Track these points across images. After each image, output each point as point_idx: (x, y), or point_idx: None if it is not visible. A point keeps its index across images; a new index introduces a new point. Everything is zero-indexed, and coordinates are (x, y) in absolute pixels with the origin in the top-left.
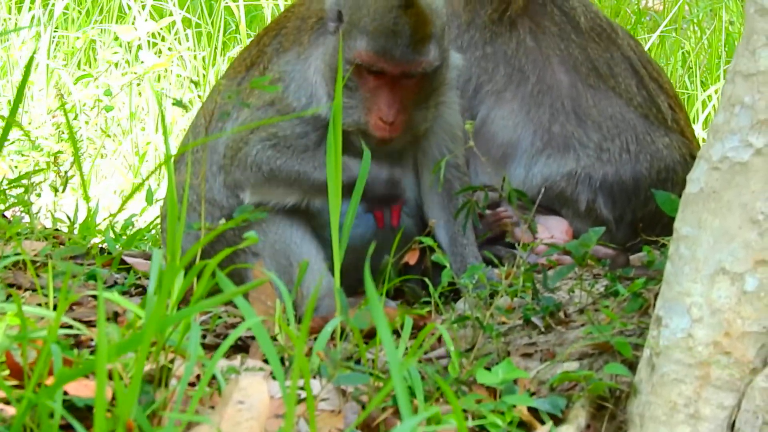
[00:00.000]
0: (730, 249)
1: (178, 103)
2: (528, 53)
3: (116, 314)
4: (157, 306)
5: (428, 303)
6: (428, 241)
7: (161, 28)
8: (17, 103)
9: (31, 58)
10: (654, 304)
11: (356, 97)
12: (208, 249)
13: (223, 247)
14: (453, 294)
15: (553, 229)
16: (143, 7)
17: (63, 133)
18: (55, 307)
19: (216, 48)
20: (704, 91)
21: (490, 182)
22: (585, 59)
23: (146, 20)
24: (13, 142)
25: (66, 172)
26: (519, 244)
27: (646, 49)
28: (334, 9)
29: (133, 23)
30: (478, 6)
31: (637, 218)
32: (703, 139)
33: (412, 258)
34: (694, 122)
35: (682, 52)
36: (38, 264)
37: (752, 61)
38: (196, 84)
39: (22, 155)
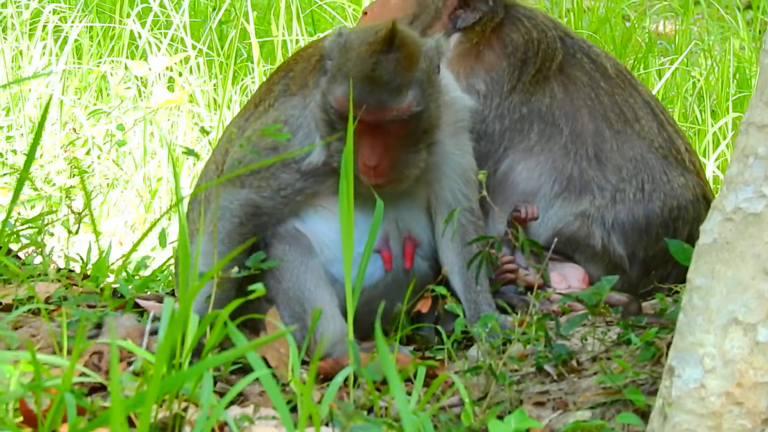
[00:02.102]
0: (743, 300)
1: (189, 152)
2: (560, 106)
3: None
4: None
5: (441, 350)
6: (441, 290)
7: (174, 63)
8: (34, 146)
9: (49, 100)
10: (666, 353)
11: (344, 140)
12: (221, 295)
13: (237, 293)
14: (466, 341)
15: (570, 278)
16: (158, 47)
17: (75, 168)
18: (69, 353)
19: (227, 77)
20: (715, 122)
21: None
22: (613, 105)
23: (161, 52)
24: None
25: (80, 213)
26: (532, 292)
27: (656, 75)
28: (329, 50)
29: (145, 58)
30: (520, 71)
31: (648, 256)
32: (715, 176)
33: (424, 306)
34: (705, 157)
35: (692, 81)
36: (52, 308)
37: (766, 112)
38: (204, 132)
39: (35, 189)
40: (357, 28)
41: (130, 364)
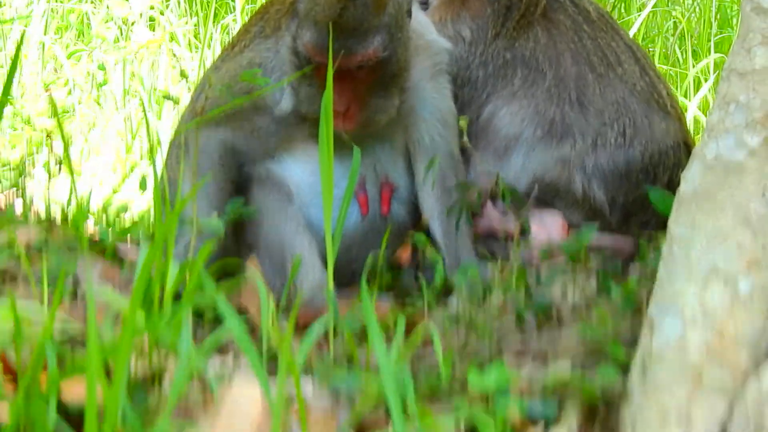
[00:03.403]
0: (723, 250)
1: (168, 97)
2: (544, 51)
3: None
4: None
5: (421, 298)
6: (420, 238)
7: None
8: (10, 78)
9: (23, 34)
10: (647, 303)
11: (314, 87)
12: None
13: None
14: (446, 288)
15: (549, 226)
16: None
17: (56, 107)
18: (49, 301)
19: (208, 15)
20: (696, 63)
21: (488, 175)
22: (596, 49)
23: None
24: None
25: (58, 156)
26: (512, 240)
27: (637, 17)
28: None
29: None
30: (504, 17)
31: (629, 201)
32: (697, 117)
33: (404, 255)
34: (687, 98)
35: (673, 21)
36: (32, 254)
37: (747, 60)
38: (184, 75)
39: (15, 129)
40: None
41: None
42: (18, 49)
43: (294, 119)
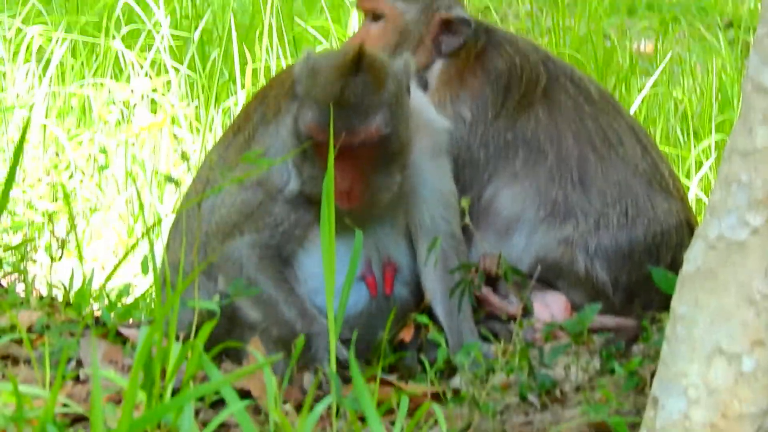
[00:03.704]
0: (727, 329)
1: (169, 179)
2: (545, 131)
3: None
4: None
5: (424, 379)
6: (423, 318)
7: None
8: (14, 165)
9: (28, 120)
10: (650, 383)
11: (316, 167)
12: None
13: (221, 320)
14: (449, 369)
15: (553, 307)
16: (141, 66)
17: (58, 191)
18: (51, 383)
19: (209, 99)
20: (698, 143)
21: (490, 255)
22: (597, 129)
23: (146, 73)
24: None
25: (62, 239)
26: (515, 321)
27: (639, 98)
28: (297, 75)
29: (128, 80)
30: (504, 98)
31: (632, 281)
32: (698, 198)
33: (407, 335)
34: (688, 178)
35: (674, 102)
36: (34, 337)
37: (749, 139)
38: (186, 157)
39: (16, 215)
40: (324, 52)
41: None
42: (22, 136)
43: (304, 202)
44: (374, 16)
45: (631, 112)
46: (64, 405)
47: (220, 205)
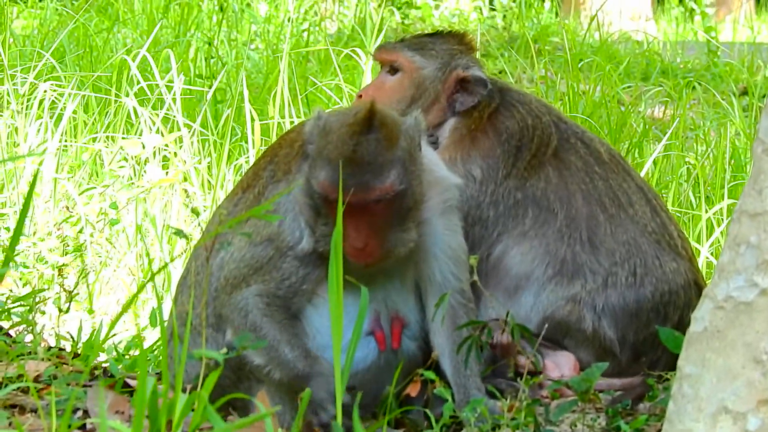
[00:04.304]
0: (733, 388)
1: (179, 233)
2: (555, 191)
3: None
4: None
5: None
6: (430, 374)
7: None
8: (23, 216)
9: (36, 172)
10: None
11: (329, 225)
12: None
13: (227, 372)
14: (455, 425)
15: (563, 366)
16: (153, 122)
17: (68, 245)
18: None
19: (221, 157)
20: (710, 208)
21: (497, 313)
22: (607, 189)
23: (157, 130)
24: (18, 254)
25: (70, 292)
26: (523, 378)
27: (650, 161)
28: (309, 135)
29: (140, 135)
30: (515, 158)
31: (639, 340)
32: (709, 262)
33: (414, 390)
34: (699, 243)
35: (687, 167)
36: (41, 387)
37: (759, 201)
38: (196, 213)
39: (26, 267)
40: (335, 110)
41: None
42: (31, 187)
43: (315, 259)
44: (392, 69)
45: (643, 176)
46: None
47: (229, 261)
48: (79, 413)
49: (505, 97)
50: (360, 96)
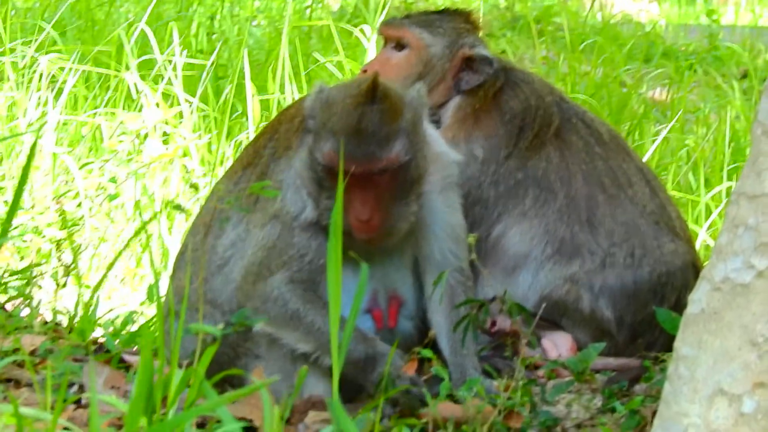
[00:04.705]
0: (729, 370)
1: (178, 208)
2: (555, 171)
3: None
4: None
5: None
6: (427, 352)
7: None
8: (20, 187)
9: (34, 144)
10: (651, 422)
11: (333, 197)
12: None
13: (225, 349)
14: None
15: (560, 347)
16: (153, 92)
17: (66, 219)
18: (53, 407)
19: (221, 133)
20: (708, 191)
21: (496, 292)
22: (607, 170)
23: (157, 104)
24: (16, 227)
25: (68, 266)
26: (519, 358)
27: (654, 146)
28: (310, 109)
29: (140, 109)
30: (517, 138)
31: (636, 321)
32: (707, 245)
33: (410, 369)
34: (698, 225)
35: (687, 150)
36: (37, 361)
37: (758, 183)
38: (196, 188)
39: (24, 241)
40: (336, 84)
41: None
42: (29, 158)
43: (322, 232)
44: (398, 45)
45: (644, 159)
46: (65, 429)
47: (238, 245)
48: (75, 388)
49: (509, 77)
50: (365, 71)
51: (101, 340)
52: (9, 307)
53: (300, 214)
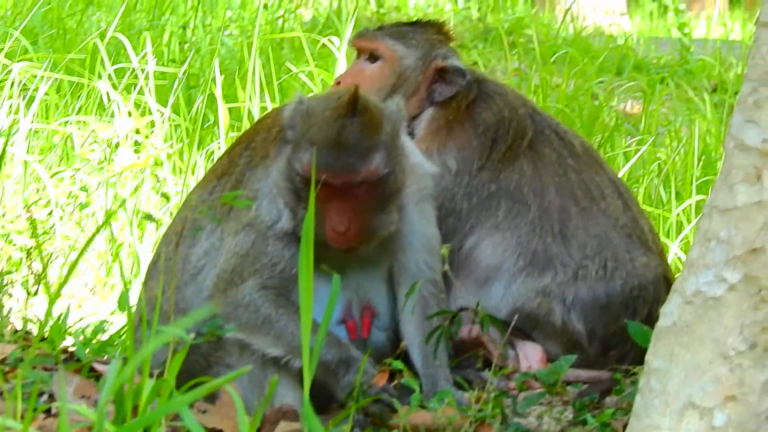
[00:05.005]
0: (700, 384)
1: (149, 218)
2: (529, 183)
3: None
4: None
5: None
6: (398, 364)
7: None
8: None
9: (4, 151)
10: None
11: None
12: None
13: (197, 358)
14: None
15: (530, 358)
16: (125, 101)
17: (37, 228)
18: (23, 415)
19: (192, 142)
20: (679, 204)
21: (468, 303)
22: (580, 182)
23: (129, 113)
24: None
25: (38, 275)
26: (491, 369)
27: (622, 155)
28: (289, 119)
29: (111, 119)
30: (490, 150)
31: (608, 333)
32: (678, 258)
33: (381, 380)
34: (669, 238)
35: (658, 163)
36: (7, 370)
37: (730, 197)
38: (166, 198)
39: None
40: (316, 95)
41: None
42: None
43: (297, 242)
44: (371, 57)
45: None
46: None
47: (211, 254)
48: (45, 397)
49: (482, 89)
50: (338, 83)
51: (72, 349)
52: None
53: (275, 224)
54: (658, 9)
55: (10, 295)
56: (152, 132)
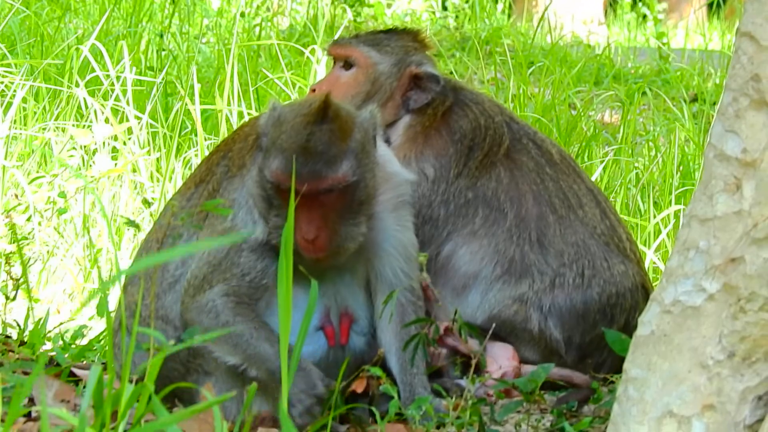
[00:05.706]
0: (678, 392)
1: (130, 223)
2: (506, 191)
3: None
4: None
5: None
6: (376, 370)
7: (119, 130)
8: None
9: None
10: None
11: (282, 216)
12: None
13: (176, 365)
14: (400, 421)
15: (499, 357)
16: (102, 112)
17: (16, 233)
18: (3, 419)
19: (170, 149)
20: (657, 213)
21: (446, 311)
22: (557, 190)
23: (106, 119)
24: None
25: (17, 280)
26: (468, 376)
27: (600, 165)
28: (263, 126)
29: (89, 125)
30: (467, 157)
31: (585, 341)
32: (655, 267)
33: (359, 386)
34: (646, 246)
35: (636, 172)
36: None
37: (709, 206)
38: (147, 204)
39: None
40: (291, 102)
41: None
42: None
43: (270, 252)
44: (347, 64)
45: (593, 180)
46: None
47: (189, 262)
48: (25, 401)
49: (458, 96)
50: (314, 90)
51: (51, 353)
52: None
53: (250, 235)
54: (636, 19)
55: None
56: (130, 138)
